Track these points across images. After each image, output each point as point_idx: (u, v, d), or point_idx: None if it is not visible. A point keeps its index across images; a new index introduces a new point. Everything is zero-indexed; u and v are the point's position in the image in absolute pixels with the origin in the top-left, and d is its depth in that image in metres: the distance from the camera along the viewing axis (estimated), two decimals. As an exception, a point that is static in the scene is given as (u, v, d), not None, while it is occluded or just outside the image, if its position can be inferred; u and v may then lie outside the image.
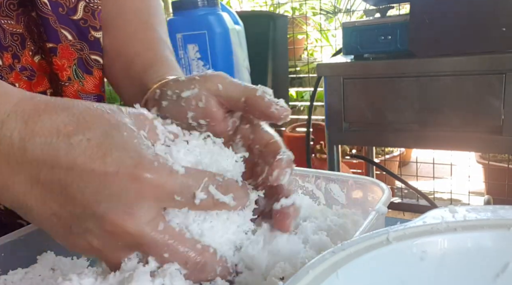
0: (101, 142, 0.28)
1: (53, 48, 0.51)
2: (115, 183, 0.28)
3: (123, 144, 0.29)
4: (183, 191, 0.30)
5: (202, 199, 0.31)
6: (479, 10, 0.98)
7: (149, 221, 0.29)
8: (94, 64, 0.55)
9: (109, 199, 0.28)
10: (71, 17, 0.52)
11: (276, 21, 1.87)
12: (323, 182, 0.51)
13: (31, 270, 0.40)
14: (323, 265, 0.24)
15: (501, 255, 0.26)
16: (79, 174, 0.28)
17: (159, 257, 0.31)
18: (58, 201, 0.29)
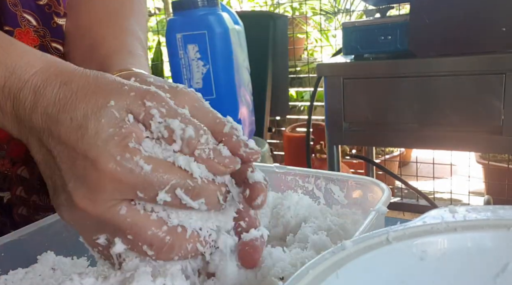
0: (80, 125, 0.30)
1: (10, 32, 0.49)
2: (82, 166, 0.30)
3: (96, 131, 0.30)
4: (145, 189, 0.30)
5: (165, 201, 0.30)
6: (479, 10, 0.98)
7: (109, 207, 0.30)
8: (54, 52, 0.54)
9: (76, 180, 0.30)
10: (37, 1, 0.51)
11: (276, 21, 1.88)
12: (323, 182, 0.51)
13: (31, 269, 0.40)
14: (323, 265, 0.24)
15: (501, 255, 0.26)
16: (63, 149, 0.31)
17: (124, 239, 0.31)
18: (50, 167, 0.32)
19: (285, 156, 2.21)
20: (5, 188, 0.55)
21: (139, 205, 0.31)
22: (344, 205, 0.49)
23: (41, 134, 0.32)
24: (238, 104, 1.45)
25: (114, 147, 0.30)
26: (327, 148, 1.25)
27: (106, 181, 0.29)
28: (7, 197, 0.55)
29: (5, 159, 0.54)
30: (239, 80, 1.47)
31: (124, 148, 0.30)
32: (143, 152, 0.30)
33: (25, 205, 0.56)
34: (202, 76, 1.37)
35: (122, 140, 0.30)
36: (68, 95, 0.31)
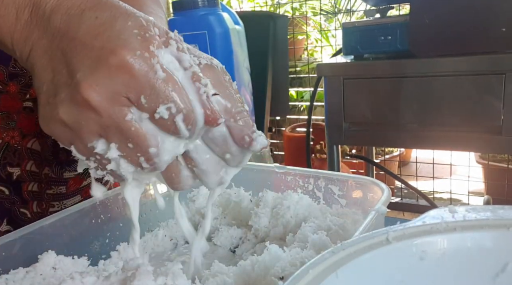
0: (105, 22, 0.30)
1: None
2: (96, 56, 0.30)
3: (121, 28, 0.30)
4: (150, 96, 0.30)
5: (162, 117, 0.30)
6: (479, 10, 0.98)
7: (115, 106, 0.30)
8: None
9: (86, 69, 0.30)
10: None
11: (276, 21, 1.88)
12: (323, 182, 0.51)
13: (32, 269, 0.40)
14: (323, 264, 0.24)
15: (500, 255, 0.26)
16: (76, 44, 0.30)
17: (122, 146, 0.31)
18: (55, 68, 0.31)
19: (285, 156, 2.21)
20: (14, 163, 0.55)
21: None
22: (344, 205, 0.50)
23: (54, 35, 0.31)
24: (238, 104, 1.45)
25: (136, 43, 0.30)
26: (327, 148, 1.25)
27: (119, 71, 0.29)
28: (16, 173, 0.55)
29: (15, 130, 0.55)
30: (239, 80, 1.47)
31: (146, 48, 0.30)
32: (160, 60, 0.31)
33: (35, 180, 0.57)
34: (202, 76, 1.37)
35: (145, 41, 0.30)
36: (97, 1, 0.32)
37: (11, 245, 0.41)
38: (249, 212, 0.52)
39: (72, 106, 0.30)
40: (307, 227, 0.46)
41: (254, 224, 0.50)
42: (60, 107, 0.31)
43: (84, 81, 0.29)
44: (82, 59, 0.30)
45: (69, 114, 0.31)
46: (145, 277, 0.31)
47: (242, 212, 0.53)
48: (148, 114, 0.30)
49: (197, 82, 0.31)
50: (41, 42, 0.32)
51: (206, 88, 0.31)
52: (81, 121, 0.30)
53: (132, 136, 0.31)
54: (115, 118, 0.30)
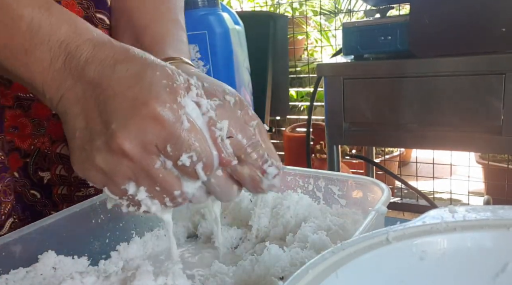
0: (136, 74, 0.33)
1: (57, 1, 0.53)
2: (129, 108, 0.32)
3: (151, 80, 0.33)
4: (175, 145, 0.32)
5: (184, 164, 0.33)
6: (479, 10, 0.98)
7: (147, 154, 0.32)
8: (98, 22, 0.56)
9: (120, 119, 0.32)
10: None
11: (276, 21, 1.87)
12: (323, 182, 0.51)
13: (33, 269, 0.40)
14: (323, 265, 0.24)
15: (500, 255, 0.26)
16: (110, 95, 0.33)
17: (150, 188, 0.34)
18: (88, 116, 0.34)
19: (285, 156, 2.21)
20: (45, 168, 0.57)
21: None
22: (344, 205, 0.49)
23: (87, 85, 0.33)
24: (238, 104, 1.45)
25: (166, 95, 0.32)
26: (327, 148, 1.25)
27: (151, 122, 0.32)
28: (47, 177, 0.57)
29: (45, 137, 0.56)
30: (239, 80, 1.47)
31: (174, 100, 0.32)
32: (186, 111, 0.33)
33: (65, 184, 0.58)
34: (202, 76, 1.37)
35: (173, 93, 0.32)
36: (127, 54, 0.34)
37: (11, 245, 0.41)
38: (249, 212, 0.52)
39: (108, 154, 0.33)
40: (307, 227, 0.46)
41: (254, 224, 0.50)
42: (96, 154, 0.33)
43: (119, 131, 0.32)
44: (116, 109, 0.32)
45: (105, 161, 0.33)
46: (145, 277, 0.31)
47: (242, 212, 0.53)
48: (172, 161, 0.33)
49: (213, 126, 0.34)
50: (74, 90, 0.34)
51: (221, 132, 0.34)
52: (116, 167, 0.33)
53: (159, 181, 0.34)
54: (145, 166, 0.33)
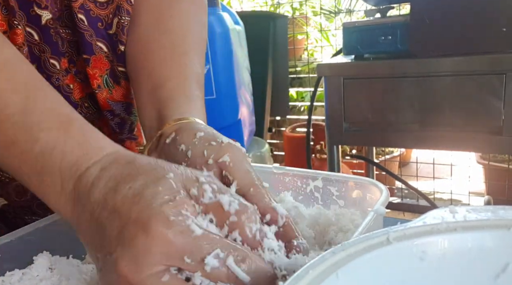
0: (138, 193, 0.31)
1: (87, 59, 0.55)
2: (131, 231, 0.30)
3: (152, 196, 0.31)
4: (193, 253, 0.29)
5: (213, 267, 0.29)
6: (479, 10, 0.98)
7: (153, 274, 0.29)
8: (121, 75, 0.58)
9: (123, 244, 0.30)
10: (108, 31, 0.56)
11: (276, 21, 1.88)
12: (322, 182, 0.51)
13: (29, 270, 0.40)
14: (323, 265, 0.24)
15: (501, 256, 0.26)
16: (113, 218, 0.31)
17: None
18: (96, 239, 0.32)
19: (285, 156, 2.21)
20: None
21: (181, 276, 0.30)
22: (342, 206, 0.49)
23: (94, 208, 0.32)
24: (238, 104, 1.45)
25: (168, 209, 0.30)
26: (327, 148, 1.25)
27: (155, 244, 0.29)
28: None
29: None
30: (239, 80, 1.47)
31: (178, 212, 0.30)
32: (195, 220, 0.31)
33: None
34: (202, 76, 1.37)
35: (176, 206, 0.30)
36: (130, 170, 0.33)
37: (7, 247, 0.40)
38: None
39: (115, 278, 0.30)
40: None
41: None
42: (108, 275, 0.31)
43: (121, 258, 0.29)
44: (118, 233, 0.30)
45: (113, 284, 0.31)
46: None
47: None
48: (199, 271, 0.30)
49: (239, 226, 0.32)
50: (85, 215, 0.33)
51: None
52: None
53: None
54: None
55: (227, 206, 0.32)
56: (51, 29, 0.52)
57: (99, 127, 0.56)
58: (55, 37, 0.53)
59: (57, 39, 0.53)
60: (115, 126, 0.60)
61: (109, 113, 0.59)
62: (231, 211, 0.32)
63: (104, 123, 0.61)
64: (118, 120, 0.61)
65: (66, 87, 0.55)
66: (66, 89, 0.55)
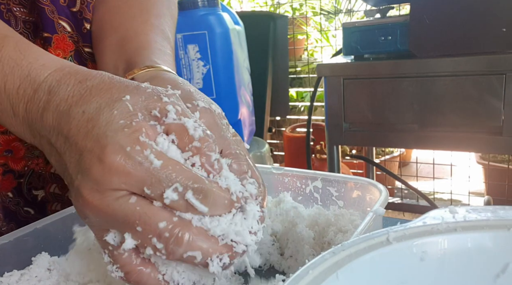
0: (91, 117, 0.30)
1: (48, 38, 0.51)
2: (88, 159, 0.29)
3: (107, 122, 0.29)
4: (153, 185, 0.29)
5: (172, 200, 0.29)
6: (479, 11, 0.98)
7: (118, 198, 0.29)
8: (88, 57, 0.55)
9: (83, 173, 0.29)
10: (71, 8, 0.52)
11: (276, 21, 1.88)
12: (321, 183, 0.51)
13: (27, 271, 0.40)
14: (323, 265, 0.24)
15: (501, 256, 0.26)
16: (70, 144, 0.30)
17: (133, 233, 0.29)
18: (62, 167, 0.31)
19: (285, 156, 2.21)
20: (39, 187, 0.56)
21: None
22: (341, 206, 0.49)
23: (50, 134, 0.31)
24: (238, 104, 1.45)
25: (124, 138, 0.29)
26: (327, 148, 1.25)
27: (113, 173, 0.28)
28: (41, 195, 0.56)
29: (39, 158, 0.55)
30: (239, 80, 1.47)
31: (135, 140, 0.29)
32: (154, 147, 0.29)
33: (59, 201, 0.58)
34: (202, 76, 1.37)
35: (133, 133, 0.29)
36: (82, 92, 0.31)
37: (5, 248, 0.40)
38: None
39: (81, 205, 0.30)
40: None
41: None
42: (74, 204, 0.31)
43: (83, 186, 0.29)
44: (76, 161, 0.30)
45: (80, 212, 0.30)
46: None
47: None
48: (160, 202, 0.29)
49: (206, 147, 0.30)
50: (43, 139, 0.32)
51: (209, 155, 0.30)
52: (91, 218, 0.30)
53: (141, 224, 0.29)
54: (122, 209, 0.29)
55: (192, 130, 0.30)
56: (1, 5, 0.48)
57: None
58: (7, 15, 0.48)
59: (9, 17, 0.49)
60: None
61: None
62: (195, 137, 0.30)
63: None
64: None
65: None
66: None
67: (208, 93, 1.51)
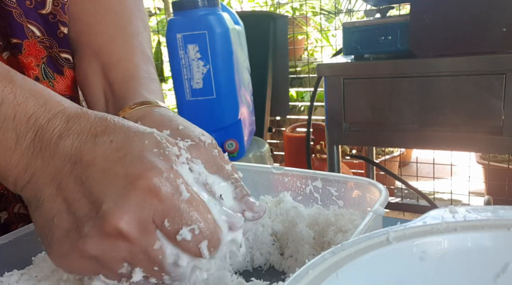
0: (121, 146, 0.30)
1: (18, 44, 0.47)
2: (123, 184, 0.29)
3: (140, 150, 0.30)
4: (174, 219, 0.29)
5: (185, 239, 0.29)
6: (479, 10, 0.98)
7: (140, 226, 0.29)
8: (65, 63, 0.52)
9: (113, 198, 0.29)
10: (39, 11, 0.48)
11: (277, 21, 1.87)
12: (321, 183, 0.51)
13: (27, 271, 0.40)
14: (323, 265, 0.24)
15: (501, 255, 0.26)
16: (95, 171, 0.29)
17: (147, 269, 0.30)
18: (68, 198, 0.30)
19: (285, 156, 2.21)
20: (1, 208, 0.53)
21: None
22: (341, 206, 0.49)
23: (64, 162, 0.30)
24: (238, 104, 1.45)
25: (162, 164, 0.29)
26: (327, 148, 1.25)
27: (148, 196, 0.28)
28: (4, 216, 0.53)
29: None
30: (239, 80, 1.47)
31: (170, 168, 0.29)
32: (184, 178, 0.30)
33: (24, 221, 0.54)
34: (202, 76, 1.37)
35: (167, 160, 0.30)
36: (105, 124, 0.31)
37: (5, 248, 0.40)
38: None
39: (102, 238, 0.29)
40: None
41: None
42: (87, 241, 0.29)
43: (113, 212, 0.28)
44: (105, 187, 0.29)
45: (98, 247, 0.29)
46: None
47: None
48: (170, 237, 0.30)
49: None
50: (47, 169, 0.30)
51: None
52: (111, 252, 0.29)
53: (158, 262, 0.30)
54: (145, 247, 0.29)
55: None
56: None
57: None
58: None
59: None
60: None
61: None
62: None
63: None
64: None
65: None
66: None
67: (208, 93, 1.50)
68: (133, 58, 0.49)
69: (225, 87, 1.40)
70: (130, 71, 0.47)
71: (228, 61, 1.39)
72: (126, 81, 0.46)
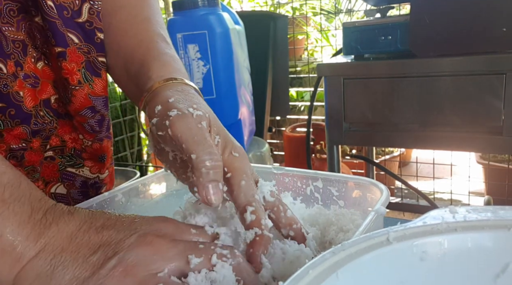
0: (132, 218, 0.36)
1: (62, 52, 0.51)
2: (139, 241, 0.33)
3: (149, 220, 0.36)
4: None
5: None
6: (479, 10, 0.98)
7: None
8: (101, 66, 0.55)
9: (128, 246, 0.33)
10: (76, 20, 0.52)
11: (277, 21, 1.87)
12: (322, 183, 0.51)
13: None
14: (323, 265, 0.24)
15: (501, 256, 0.26)
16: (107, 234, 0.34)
17: None
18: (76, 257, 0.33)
19: (285, 156, 2.21)
20: None
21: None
22: (342, 206, 0.49)
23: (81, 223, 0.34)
24: (238, 104, 1.45)
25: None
26: (327, 148, 1.25)
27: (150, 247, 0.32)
28: None
29: (38, 180, 0.55)
30: (239, 80, 1.47)
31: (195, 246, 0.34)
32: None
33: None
34: (202, 76, 1.37)
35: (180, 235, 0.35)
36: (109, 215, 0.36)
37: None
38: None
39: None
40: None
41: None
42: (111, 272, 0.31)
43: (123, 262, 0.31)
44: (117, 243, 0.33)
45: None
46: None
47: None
48: None
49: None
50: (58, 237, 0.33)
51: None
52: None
53: None
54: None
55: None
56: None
57: (62, 134, 0.56)
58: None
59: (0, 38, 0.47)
60: (95, 124, 0.57)
61: (90, 110, 0.55)
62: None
63: (67, 130, 0.57)
64: (99, 116, 0.57)
65: (16, 94, 0.49)
66: (17, 97, 0.50)
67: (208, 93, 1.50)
68: (145, 41, 0.51)
69: (225, 87, 1.40)
70: (142, 57, 0.50)
71: (228, 61, 1.39)
72: (139, 70, 0.48)
